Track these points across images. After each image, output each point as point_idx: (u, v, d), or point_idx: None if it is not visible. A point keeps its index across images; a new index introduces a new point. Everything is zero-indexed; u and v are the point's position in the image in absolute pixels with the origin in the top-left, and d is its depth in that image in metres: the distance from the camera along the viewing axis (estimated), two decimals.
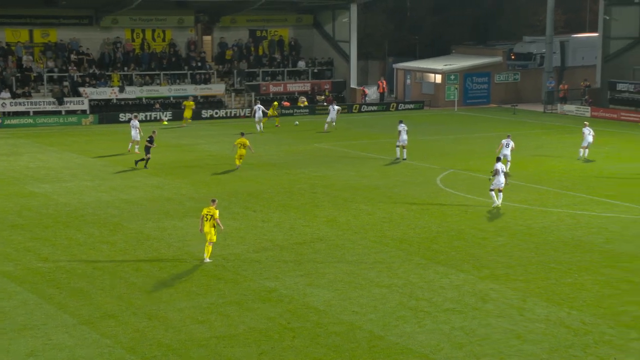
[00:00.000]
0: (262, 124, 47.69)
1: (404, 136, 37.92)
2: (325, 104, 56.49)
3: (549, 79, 59.38)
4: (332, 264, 22.45)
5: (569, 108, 56.25)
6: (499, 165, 28.42)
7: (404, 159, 37.86)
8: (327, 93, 60.02)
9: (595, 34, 60.43)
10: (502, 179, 28.33)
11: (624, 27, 57.44)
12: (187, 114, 49.90)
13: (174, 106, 54.41)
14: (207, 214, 22.32)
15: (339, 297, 19.83)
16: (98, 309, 19.02)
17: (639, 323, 17.91)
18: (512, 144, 34.99)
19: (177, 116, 51.84)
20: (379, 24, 69.34)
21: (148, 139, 36.41)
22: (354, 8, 60.29)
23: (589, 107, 55.21)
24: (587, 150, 38.11)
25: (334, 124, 48.19)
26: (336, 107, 48.87)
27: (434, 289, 20.35)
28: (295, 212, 28.14)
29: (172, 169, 36.15)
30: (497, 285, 20.49)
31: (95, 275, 21.50)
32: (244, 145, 35.91)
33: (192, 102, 50.87)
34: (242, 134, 37.10)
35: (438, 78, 61.64)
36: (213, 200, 22.83)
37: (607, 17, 57.47)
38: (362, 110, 57.61)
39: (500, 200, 28.49)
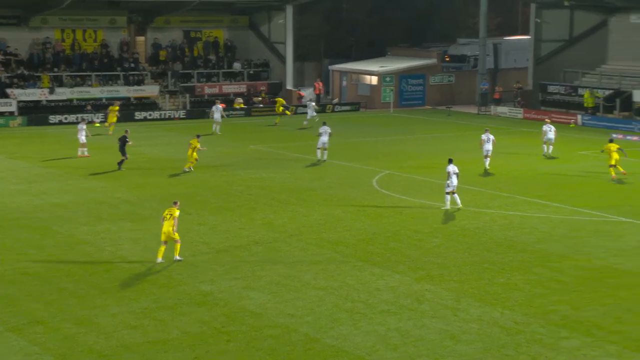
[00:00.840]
0: (219, 125, 47.17)
1: (324, 138, 38.17)
2: (302, 100, 56.95)
3: (482, 80, 60.37)
4: (268, 266, 22.44)
5: (502, 110, 57.27)
6: (450, 168, 28.63)
7: (324, 160, 38.05)
8: (263, 94, 59.96)
9: (527, 37, 61.66)
10: (454, 180, 28.44)
11: (554, 29, 58.74)
12: (112, 118, 47.49)
13: (106, 108, 53.65)
14: (167, 214, 22.53)
15: (275, 300, 19.84)
16: (26, 316, 18.65)
17: (569, 322, 18.32)
18: (492, 137, 35.40)
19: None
20: (315, 25, 69.55)
21: (122, 139, 35.86)
22: (289, 9, 60.37)
23: (522, 109, 56.29)
24: (551, 147, 39.06)
25: (306, 122, 50.17)
26: (312, 105, 51.12)
27: (370, 290, 20.50)
28: (231, 215, 28.04)
29: (105, 172, 35.65)
30: (432, 286, 20.75)
31: (23, 280, 21.08)
32: (194, 148, 35.82)
33: (116, 107, 48.78)
34: (198, 137, 36.97)
35: (374, 80, 62.12)
36: (175, 202, 23.04)
37: (539, 20, 58.69)
38: (298, 112, 57.66)
39: (458, 201, 28.58)
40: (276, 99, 54.96)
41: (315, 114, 51.20)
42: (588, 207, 28.91)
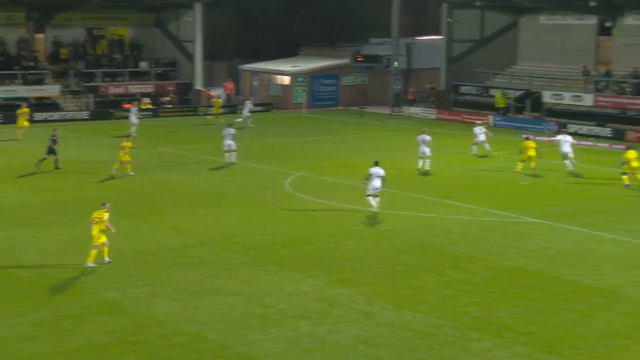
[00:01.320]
0: (135, 127, 46.40)
1: (228, 141, 38.18)
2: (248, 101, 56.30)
3: (395, 81, 61.23)
4: (177, 272, 22.29)
5: (415, 110, 58.21)
6: (373, 170, 28.83)
7: (232, 163, 38.02)
8: (171, 95, 59.40)
9: (440, 37, 62.84)
10: (376, 183, 28.64)
11: (466, 29, 60.04)
12: (22, 122, 45.20)
13: (3, 108, 52.21)
14: (95, 217, 22.35)
15: (184, 306, 19.72)
16: None
17: (480, 323, 18.79)
18: (428, 138, 36.00)
19: (8, 119, 49.65)
20: (225, 23, 69.19)
21: (52, 138, 35.13)
22: (198, 7, 59.98)
23: (434, 110, 57.33)
24: (485, 144, 39.98)
25: (249, 120, 50.45)
26: (248, 104, 51.31)
27: (282, 295, 20.59)
28: (139, 219, 27.72)
29: (2, 176, 34.73)
30: (345, 290, 20.97)
31: None
32: (125, 148, 35.37)
33: (26, 109, 47.06)
34: (128, 137, 36.44)
35: (286, 79, 62.28)
36: (103, 204, 22.82)
37: (450, 20, 59.90)
38: (208, 113, 57.34)
39: (376, 205, 28.79)
40: (213, 100, 54.95)
41: (249, 113, 51.14)
42: (499, 208, 29.69)
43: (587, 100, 50.01)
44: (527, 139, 36.52)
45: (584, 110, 49.91)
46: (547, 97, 52.53)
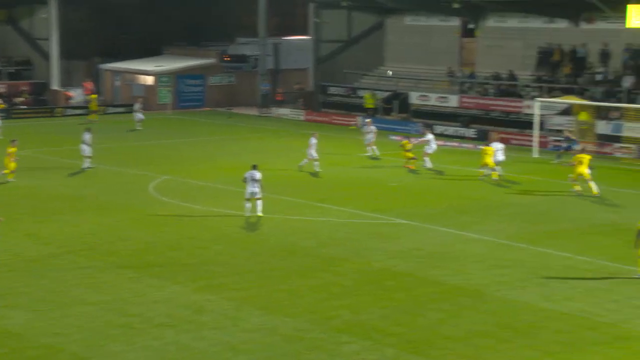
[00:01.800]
0: None
1: (83, 146, 37.39)
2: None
3: (263, 81, 61.33)
4: (32, 282, 21.54)
5: (284, 111, 58.48)
6: (248, 173, 28.65)
7: (88, 167, 37.17)
8: (25, 95, 57.43)
9: (308, 37, 63.38)
10: (252, 187, 28.42)
11: (333, 30, 60.76)
12: None
13: None
14: None
15: (39, 318, 19.07)
16: None
17: (349, 326, 19.03)
18: (314, 141, 36.53)
19: None
20: (83, 21, 67.50)
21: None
22: (53, 2, 58.23)
23: (303, 111, 57.75)
24: (373, 147, 40.45)
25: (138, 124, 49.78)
26: (138, 106, 50.68)
27: (146, 303, 20.24)
28: None
29: None
30: (213, 296, 20.81)
31: None
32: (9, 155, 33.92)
33: None
34: (13, 142, 34.87)
35: (149, 80, 61.34)
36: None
37: (318, 20, 60.50)
38: (66, 114, 55.78)
39: (260, 209, 28.61)
40: (90, 97, 53.98)
41: (142, 116, 50.32)
42: (367, 210, 30.18)
43: (453, 101, 51.56)
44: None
45: (450, 111, 51.42)
46: (414, 98, 53.82)
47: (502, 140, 38.28)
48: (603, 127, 42.54)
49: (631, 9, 41.58)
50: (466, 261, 24.04)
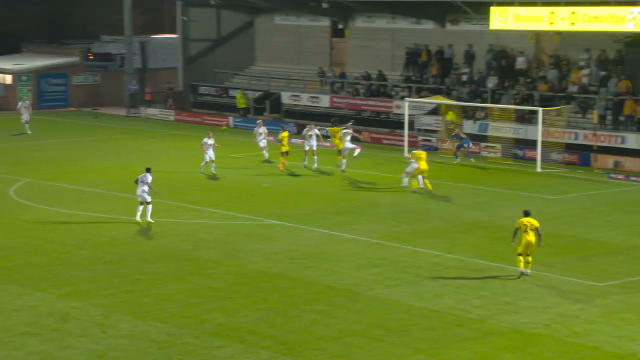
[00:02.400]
0: None
1: None
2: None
3: (130, 81, 60.20)
4: None
5: (153, 111, 57.57)
6: (140, 176, 28.03)
7: None
8: None
9: (176, 36, 62.64)
10: (142, 190, 27.82)
11: (203, 28, 60.26)
12: None
13: None
14: None
15: None
16: None
17: (223, 330, 18.90)
18: (212, 141, 36.11)
19: None
20: None
21: None
22: None
23: (173, 111, 57.02)
24: (265, 150, 39.53)
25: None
26: (25, 106, 48.28)
27: (7, 312, 19.56)
28: None
29: None
30: (78, 303, 20.29)
31: None
32: None
33: None
34: None
35: (8, 79, 59.26)
36: None
37: (186, 18, 59.87)
38: None
39: (148, 214, 27.99)
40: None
41: (28, 117, 48.32)
42: (241, 211, 30.09)
43: (324, 101, 52.04)
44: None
45: (321, 111, 51.88)
46: (286, 98, 54.02)
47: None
48: (470, 126, 43.84)
49: (494, 11, 43.00)
50: (340, 261, 24.30)
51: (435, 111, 45.96)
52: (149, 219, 28.06)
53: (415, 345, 18.09)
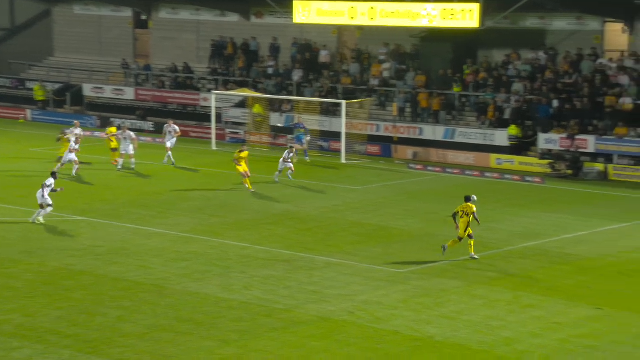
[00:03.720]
0: None
1: None
2: None
3: None
4: None
5: None
6: (47, 180, 26.98)
7: None
8: None
9: None
10: (39, 192, 26.79)
11: None
12: None
13: None
14: None
15: None
16: None
17: (21, 331, 18.26)
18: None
19: None
20: None
21: None
22: None
23: None
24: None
25: None
26: None
27: None
28: None
29: None
30: None
31: None
32: None
33: None
34: None
35: None
36: None
37: None
38: None
39: (40, 217, 26.96)
40: None
41: None
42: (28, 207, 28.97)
43: (129, 94, 51.05)
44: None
45: (126, 104, 50.88)
46: (88, 90, 52.55)
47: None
48: (276, 119, 44.40)
49: (297, 5, 43.70)
50: (147, 256, 24.03)
51: (243, 104, 46.23)
52: (41, 219, 27.22)
53: (224, 337, 18.20)
